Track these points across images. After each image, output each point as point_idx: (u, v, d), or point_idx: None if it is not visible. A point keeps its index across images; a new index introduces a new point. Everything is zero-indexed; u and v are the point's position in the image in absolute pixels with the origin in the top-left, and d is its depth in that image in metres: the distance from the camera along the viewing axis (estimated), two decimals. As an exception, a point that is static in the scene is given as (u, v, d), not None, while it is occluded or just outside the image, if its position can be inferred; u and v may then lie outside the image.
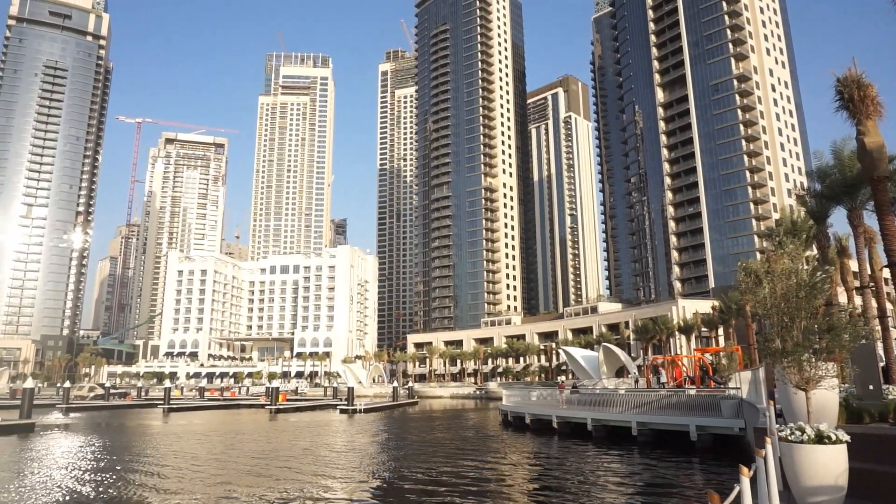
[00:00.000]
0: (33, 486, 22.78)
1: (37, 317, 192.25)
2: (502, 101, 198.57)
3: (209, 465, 29.29)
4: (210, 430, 50.03)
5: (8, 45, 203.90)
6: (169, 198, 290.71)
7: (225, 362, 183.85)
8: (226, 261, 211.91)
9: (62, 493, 21.20)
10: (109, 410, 76.29)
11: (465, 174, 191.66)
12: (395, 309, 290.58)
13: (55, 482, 23.48)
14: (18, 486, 22.74)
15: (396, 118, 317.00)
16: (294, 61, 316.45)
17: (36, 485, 22.97)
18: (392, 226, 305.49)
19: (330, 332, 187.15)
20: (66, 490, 21.85)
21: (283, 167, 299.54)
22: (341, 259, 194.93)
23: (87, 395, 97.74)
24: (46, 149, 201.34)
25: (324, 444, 38.55)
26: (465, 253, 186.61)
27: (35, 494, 21.01)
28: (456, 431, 48.11)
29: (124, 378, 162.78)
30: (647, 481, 22.78)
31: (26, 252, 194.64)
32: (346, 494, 21.26)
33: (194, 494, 21.07)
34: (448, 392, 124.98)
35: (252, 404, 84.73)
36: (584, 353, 74.85)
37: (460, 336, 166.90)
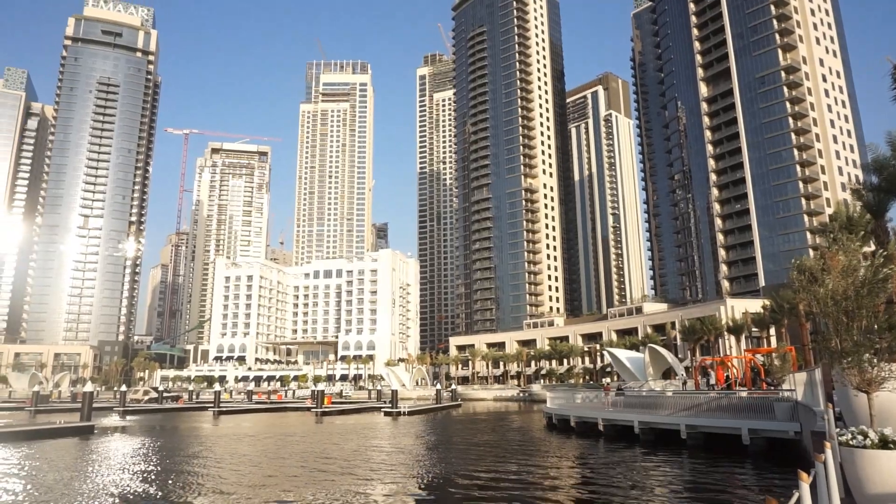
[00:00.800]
0: (96, 485, 23.68)
1: (94, 323, 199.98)
2: (541, 101, 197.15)
3: (260, 466, 29.91)
4: (259, 433, 51.10)
5: (65, 65, 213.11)
6: (216, 206, 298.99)
7: (271, 366, 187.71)
8: (271, 266, 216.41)
9: (123, 493, 21.98)
10: (163, 413, 78.68)
11: (505, 176, 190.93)
12: (437, 312, 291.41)
13: (116, 482, 24.35)
14: (82, 485, 23.68)
15: (435, 122, 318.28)
16: (333, 68, 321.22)
17: (99, 485, 23.87)
18: (433, 229, 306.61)
19: (373, 335, 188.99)
20: (126, 490, 22.64)
21: (325, 173, 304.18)
22: (383, 263, 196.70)
23: (142, 398, 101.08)
24: (101, 162, 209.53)
25: (370, 446, 38.90)
26: (506, 255, 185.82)
27: (98, 494, 21.83)
28: (500, 434, 47.90)
29: (176, 382, 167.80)
30: (699, 486, 22.22)
31: (84, 261, 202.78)
32: (394, 496, 21.39)
33: (247, 495, 21.53)
34: (491, 394, 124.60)
35: (298, 407, 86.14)
36: (629, 355, 73.58)
37: (503, 338, 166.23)
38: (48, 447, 37.89)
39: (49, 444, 39.87)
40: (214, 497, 21.28)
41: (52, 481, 24.69)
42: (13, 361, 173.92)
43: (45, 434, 44.14)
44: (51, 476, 26.20)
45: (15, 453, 34.03)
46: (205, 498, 21.23)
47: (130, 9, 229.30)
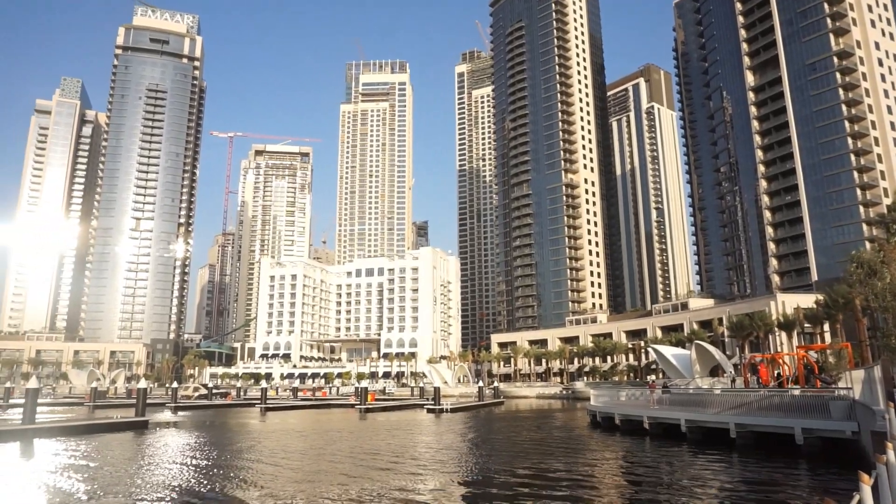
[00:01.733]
0: (155, 478, 24.59)
1: (147, 322, 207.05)
2: (581, 95, 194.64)
3: (308, 461, 30.52)
4: (305, 429, 52.10)
5: (116, 73, 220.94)
6: (260, 207, 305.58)
7: (315, 363, 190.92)
8: (314, 265, 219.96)
9: (181, 485, 22.76)
10: (212, 409, 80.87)
11: (545, 171, 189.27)
12: (478, 309, 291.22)
13: (173, 475, 25.23)
14: (142, 478, 24.62)
15: (474, 119, 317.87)
16: (373, 68, 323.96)
17: (158, 477, 24.78)
18: (473, 226, 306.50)
19: (415, 332, 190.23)
20: (183, 482, 23.44)
21: (366, 172, 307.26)
22: (424, 261, 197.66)
23: (193, 394, 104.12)
24: (151, 166, 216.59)
25: (414, 442, 39.23)
26: (548, 251, 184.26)
27: (158, 486, 22.67)
28: (544, 431, 47.63)
29: (224, 379, 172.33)
30: (751, 486, 21.66)
31: (136, 262, 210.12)
32: (439, 493, 21.53)
33: (297, 489, 22.00)
34: (534, 392, 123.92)
35: (342, 404, 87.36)
36: (675, 352, 72.21)
37: (545, 335, 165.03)
38: (107, 441, 39.48)
39: (107, 437, 41.54)
40: (267, 490, 21.81)
41: (113, 473, 25.74)
42: (73, 359, 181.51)
43: (103, 428, 46.00)
44: (111, 468, 27.31)
45: (77, 446, 35.58)
46: (258, 491, 21.78)
47: (177, 16, 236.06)
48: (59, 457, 31.44)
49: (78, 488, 22.25)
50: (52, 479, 24.20)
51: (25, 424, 41.05)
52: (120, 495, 21.02)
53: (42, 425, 43.09)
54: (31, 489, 22.14)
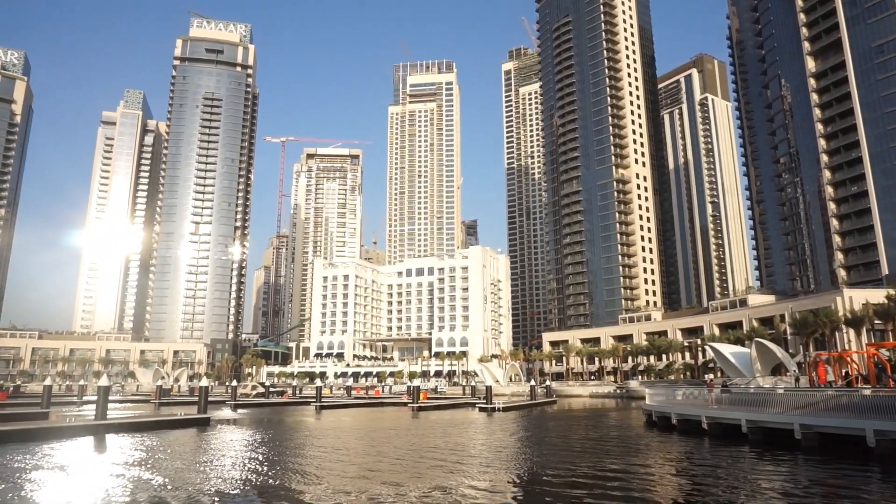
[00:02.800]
0: (219, 471, 25.57)
1: (207, 322, 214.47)
2: (631, 88, 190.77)
3: (364, 458, 31.10)
4: (359, 427, 53.00)
5: (174, 83, 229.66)
6: (312, 209, 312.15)
7: (368, 362, 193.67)
8: (365, 266, 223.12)
9: (242, 479, 23.61)
10: (270, 407, 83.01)
11: (595, 167, 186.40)
12: (529, 307, 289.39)
13: (236, 469, 26.17)
14: (206, 471, 25.65)
15: (522, 116, 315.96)
16: (419, 69, 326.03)
17: (221, 471, 25.76)
18: (522, 224, 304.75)
19: (465, 331, 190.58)
20: (245, 476, 24.29)
21: (415, 173, 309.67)
22: (473, 260, 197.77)
23: (251, 392, 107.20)
24: (208, 172, 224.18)
25: (467, 441, 39.38)
26: (599, 248, 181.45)
27: (221, 479, 23.57)
28: (598, 431, 47.03)
29: (281, 377, 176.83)
30: (820, 490, 20.87)
31: (196, 265, 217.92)
32: (492, 491, 21.59)
33: (353, 485, 22.47)
34: (587, 391, 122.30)
35: (395, 402, 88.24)
36: (734, 350, 70.13)
37: (597, 333, 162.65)
38: (172, 437, 41.18)
39: (173, 433, 43.32)
40: (326, 486, 22.36)
41: (181, 468, 26.90)
42: (139, 358, 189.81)
43: (169, 425, 47.98)
44: (179, 463, 28.53)
45: (145, 441, 37.28)
46: (318, 486, 22.34)
47: (230, 27, 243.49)
48: (129, 451, 33.02)
49: (149, 481, 23.35)
50: (124, 472, 25.45)
51: (98, 420, 43.21)
52: (188, 488, 21.94)
53: (113, 421, 45.24)
54: (106, 481, 23.35)
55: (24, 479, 23.52)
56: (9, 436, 37.21)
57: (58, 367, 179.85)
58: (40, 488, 21.96)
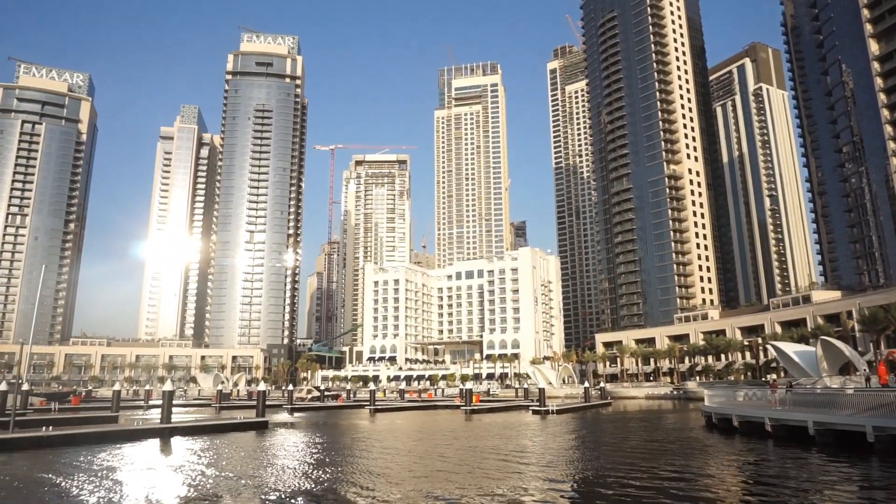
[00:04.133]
0: (280, 473, 26.29)
1: (263, 328, 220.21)
2: (680, 81, 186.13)
3: (419, 460, 31.36)
4: (413, 429, 53.42)
5: (227, 97, 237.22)
6: (362, 215, 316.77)
7: (420, 365, 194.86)
8: (415, 269, 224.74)
9: (303, 480, 24.22)
10: (325, 411, 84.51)
11: (646, 164, 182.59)
12: (581, 308, 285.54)
13: (296, 470, 26.85)
14: (268, 472, 26.41)
15: (568, 115, 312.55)
16: (464, 72, 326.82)
17: (282, 472, 26.47)
18: (572, 224, 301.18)
19: (517, 333, 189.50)
20: (305, 477, 24.90)
21: (462, 176, 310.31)
22: (523, 261, 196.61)
23: (306, 396, 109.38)
24: (261, 181, 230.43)
25: (522, 443, 39.18)
26: (652, 246, 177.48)
27: (282, 480, 24.22)
28: (655, 433, 46.02)
29: (335, 381, 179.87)
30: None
31: (251, 273, 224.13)
32: (550, 493, 21.43)
33: (410, 487, 22.70)
34: (642, 392, 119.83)
35: (448, 405, 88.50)
36: (798, 349, 67.48)
37: (652, 334, 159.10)
38: (233, 439, 42.51)
39: (233, 436, 44.70)
40: (385, 487, 22.64)
41: (243, 469, 27.78)
42: (200, 363, 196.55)
43: (229, 428, 49.53)
44: (241, 464, 29.46)
45: (208, 444, 38.61)
46: (379, 488, 22.62)
47: (279, 39, 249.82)
48: (194, 453, 34.26)
49: (214, 482, 24.19)
50: (190, 473, 26.45)
51: (163, 423, 45.01)
52: (252, 489, 22.64)
53: (177, 424, 47.01)
54: (174, 481, 24.32)
55: (100, 478, 24.75)
56: (84, 438, 39.23)
57: (125, 372, 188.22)
58: (116, 487, 23.05)
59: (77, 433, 40.25)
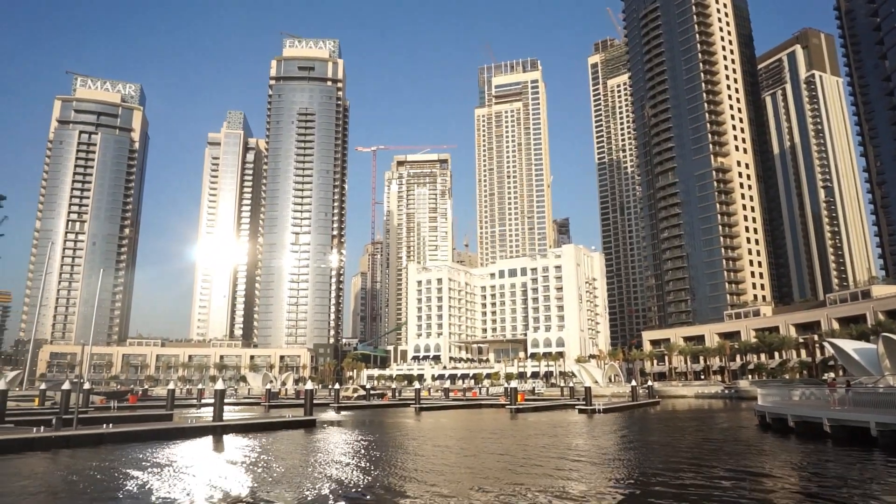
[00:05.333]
0: (330, 469, 26.73)
1: (309, 328, 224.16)
2: (727, 71, 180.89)
3: (466, 459, 31.40)
4: (459, 428, 53.52)
5: (271, 102, 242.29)
6: (404, 214, 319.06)
7: (464, 364, 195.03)
8: (458, 268, 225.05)
9: (351, 476, 24.56)
10: (370, 409, 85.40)
11: (692, 157, 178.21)
12: (627, 305, 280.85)
13: (345, 467, 27.25)
14: (318, 469, 26.90)
15: (611, 109, 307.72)
16: (504, 70, 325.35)
17: (332, 469, 26.91)
18: (616, 220, 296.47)
19: (561, 331, 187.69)
20: (353, 473, 25.26)
21: (503, 174, 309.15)
22: (566, 258, 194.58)
23: (352, 395, 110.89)
24: (305, 184, 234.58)
25: (568, 443, 38.80)
26: (699, 241, 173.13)
27: (332, 476, 24.63)
28: (707, 433, 44.91)
29: (380, 380, 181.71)
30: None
31: (297, 274, 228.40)
32: (598, 494, 21.15)
33: (458, 487, 22.73)
34: (692, 391, 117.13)
35: (492, 404, 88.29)
36: (857, 346, 64.84)
37: (701, 331, 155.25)
38: (282, 437, 43.44)
39: (282, 434, 45.67)
40: (432, 485, 22.76)
41: (294, 465, 28.38)
42: (249, 363, 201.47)
43: (278, 426, 50.61)
44: (292, 461, 30.09)
45: (259, 441, 39.55)
46: (429, 485, 22.76)
47: (320, 43, 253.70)
48: (246, 450, 35.15)
49: (267, 477, 24.78)
50: (244, 469, 27.15)
51: (216, 421, 46.30)
52: (304, 484, 23.10)
53: (229, 422, 48.29)
54: (228, 477, 24.99)
55: (158, 473, 25.65)
56: (141, 435, 40.75)
57: (179, 372, 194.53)
58: (173, 482, 23.84)
59: (135, 430, 41.81)
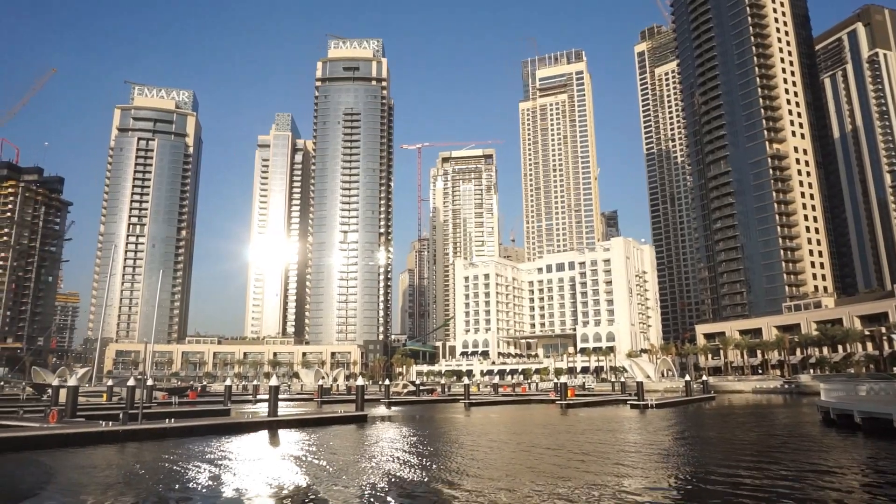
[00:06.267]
0: (383, 463, 27.13)
1: (359, 325, 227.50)
2: (782, 54, 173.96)
3: (517, 454, 31.35)
4: (510, 423, 53.42)
5: (318, 103, 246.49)
6: (450, 211, 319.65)
7: (513, 360, 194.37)
8: (505, 264, 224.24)
9: (404, 469, 24.87)
10: (420, 405, 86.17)
11: (745, 145, 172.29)
12: (679, 298, 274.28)
13: (398, 461, 27.61)
14: (372, 462, 27.35)
15: (659, 98, 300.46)
16: (548, 62, 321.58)
17: (385, 462, 27.31)
18: (666, 211, 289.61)
19: (611, 326, 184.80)
20: (406, 467, 25.57)
21: (549, 167, 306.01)
22: (615, 252, 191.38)
23: (402, 391, 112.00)
24: (352, 183, 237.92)
25: (621, 439, 38.26)
26: (754, 231, 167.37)
27: (386, 470, 24.99)
28: (767, 429, 43.52)
29: (429, 376, 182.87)
30: None
31: (346, 272, 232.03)
32: (652, 491, 20.78)
33: (510, 482, 22.71)
34: (749, 386, 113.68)
35: (542, 399, 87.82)
36: (930, 338, 61.51)
37: (757, 324, 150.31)
38: (335, 431, 44.28)
39: (335, 429, 46.54)
40: (490, 479, 22.80)
41: (348, 459, 28.94)
42: (301, 360, 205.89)
43: (331, 421, 51.60)
44: (346, 455, 30.67)
45: (313, 436, 40.44)
46: (483, 480, 22.82)
47: (364, 43, 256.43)
48: (301, 444, 36.02)
49: (325, 470, 25.35)
50: (300, 462, 27.83)
51: (271, 417, 47.57)
52: (360, 477, 23.51)
53: (283, 418, 49.52)
54: (286, 469, 25.67)
55: (219, 465, 26.57)
56: (201, 429, 42.27)
57: (234, 368, 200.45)
58: (234, 474, 24.66)
59: (195, 425, 43.38)
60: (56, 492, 21.75)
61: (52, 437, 34.25)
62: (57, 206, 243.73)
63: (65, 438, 34.33)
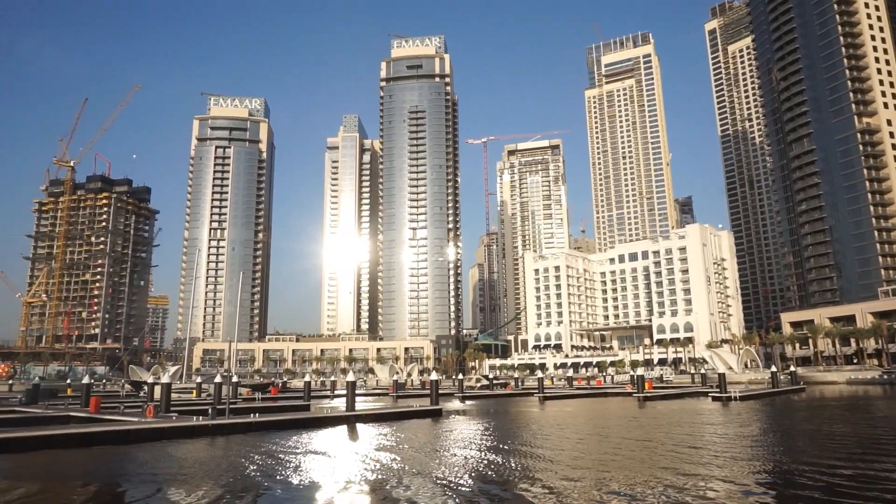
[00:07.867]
0: (461, 457, 27.45)
1: (431, 320, 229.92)
2: (870, 20, 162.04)
3: (596, 448, 30.92)
4: (586, 416, 52.69)
5: (383, 103, 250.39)
6: (518, 204, 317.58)
7: (587, 352, 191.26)
8: (575, 255, 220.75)
9: (483, 463, 25.06)
10: (494, 399, 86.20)
11: (831, 121, 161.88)
12: (761, 286, 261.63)
13: (475, 454, 27.85)
14: (449, 456, 27.71)
15: (733, 76, 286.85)
16: (614, 47, 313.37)
17: (463, 455, 27.62)
18: (745, 195, 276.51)
19: (689, 316, 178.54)
20: (484, 460, 25.76)
21: (618, 155, 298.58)
22: (691, 239, 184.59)
23: (476, 385, 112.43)
24: (419, 180, 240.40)
25: (703, 432, 37.00)
26: (844, 212, 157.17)
27: (463, 464, 25.28)
28: (864, 423, 40.95)
29: (502, 370, 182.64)
30: None
31: (416, 268, 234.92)
32: (738, 487, 20.00)
33: (589, 475, 22.44)
34: (843, 377, 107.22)
35: (618, 392, 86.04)
36: None
37: (850, 311, 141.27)
38: (411, 425, 45.03)
39: (411, 423, 47.33)
40: (573, 472, 22.64)
41: (427, 452, 29.44)
42: (376, 356, 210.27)
43: (407, 415, 52.49)
44: (424, 448, 31.21)
45: (390, 430, 41.30)
46: (567, 473, 22.69)
47: (426, 41, 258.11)
48: (380, 438, 36.86)
49: (403, 463, 25.92)
50: (382, 456, 28.52)
51: (348, 412, 48.92)
52: (440, 469, 23.87)
53: (361, 412, 50.82)
54: (368, 462, 26.38)
55: (303, 458, 27.64)
56: (284, 424, 44.06)
57: (312, 365, 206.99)
58: (322, 465, 25.63)
59: (278, 419, 45.20)
60: (175, 478, 23.19)
61: (151, 431, 36.63)
62: (146, 214, 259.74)
63: (161, 432, 36.64)
